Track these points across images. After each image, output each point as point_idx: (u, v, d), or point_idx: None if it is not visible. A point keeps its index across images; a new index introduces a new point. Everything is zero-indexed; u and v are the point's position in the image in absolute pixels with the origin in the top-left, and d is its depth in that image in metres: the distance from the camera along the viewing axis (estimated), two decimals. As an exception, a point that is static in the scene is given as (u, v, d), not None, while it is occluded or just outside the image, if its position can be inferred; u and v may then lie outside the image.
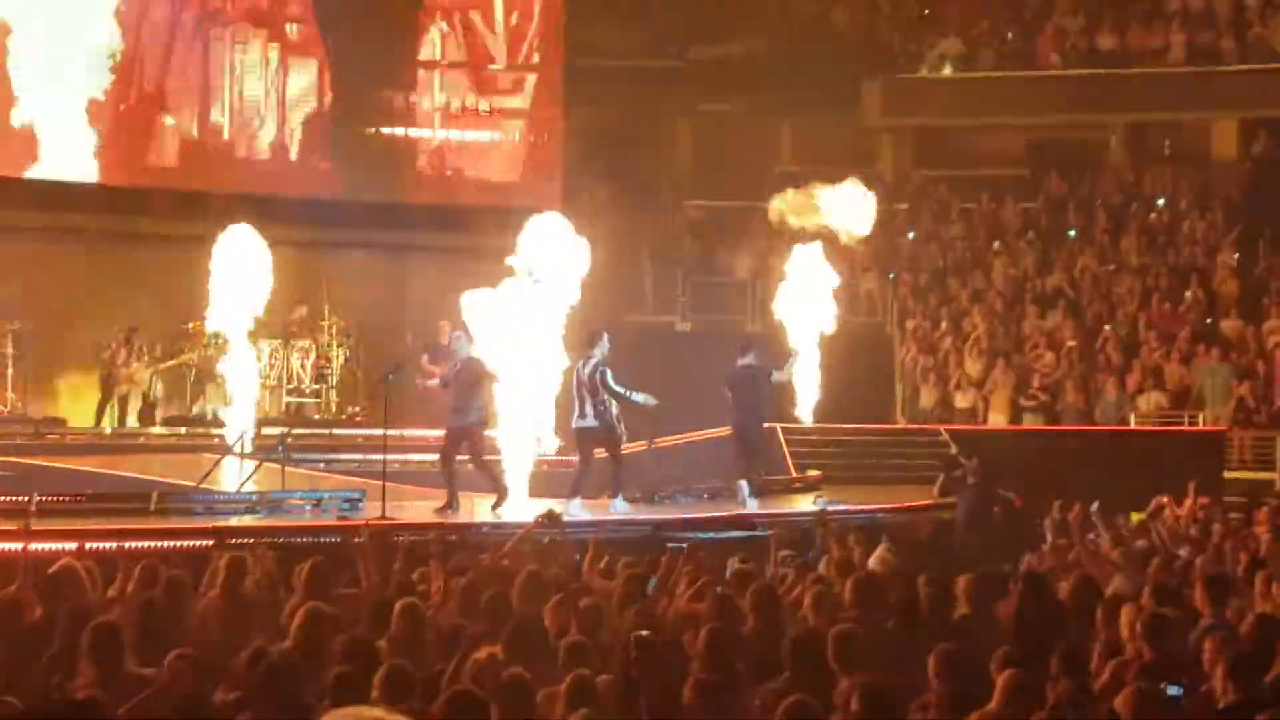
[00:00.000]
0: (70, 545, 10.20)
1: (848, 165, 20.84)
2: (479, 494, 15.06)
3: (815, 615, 7.63)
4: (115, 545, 10.01)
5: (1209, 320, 21.16)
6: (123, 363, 18.81)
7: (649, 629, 6.80)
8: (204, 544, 10.96)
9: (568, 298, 14.45)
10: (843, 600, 8.01)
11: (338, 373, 19.93)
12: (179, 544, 11.16)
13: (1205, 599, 7.79)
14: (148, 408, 19.29)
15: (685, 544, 9.82)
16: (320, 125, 21.09)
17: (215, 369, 17.83)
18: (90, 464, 15.69)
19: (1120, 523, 11.86)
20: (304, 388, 19.71)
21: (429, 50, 21.76)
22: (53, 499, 12.90)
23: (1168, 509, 12.63)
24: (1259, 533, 11.90)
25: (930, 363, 21.07)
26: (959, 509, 13.78)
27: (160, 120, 20.19)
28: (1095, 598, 8.11)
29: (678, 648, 6.89)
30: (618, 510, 14.08)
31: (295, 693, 5.83)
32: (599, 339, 14.12)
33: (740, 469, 15.20)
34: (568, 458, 15.59)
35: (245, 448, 15.71)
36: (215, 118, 20.49)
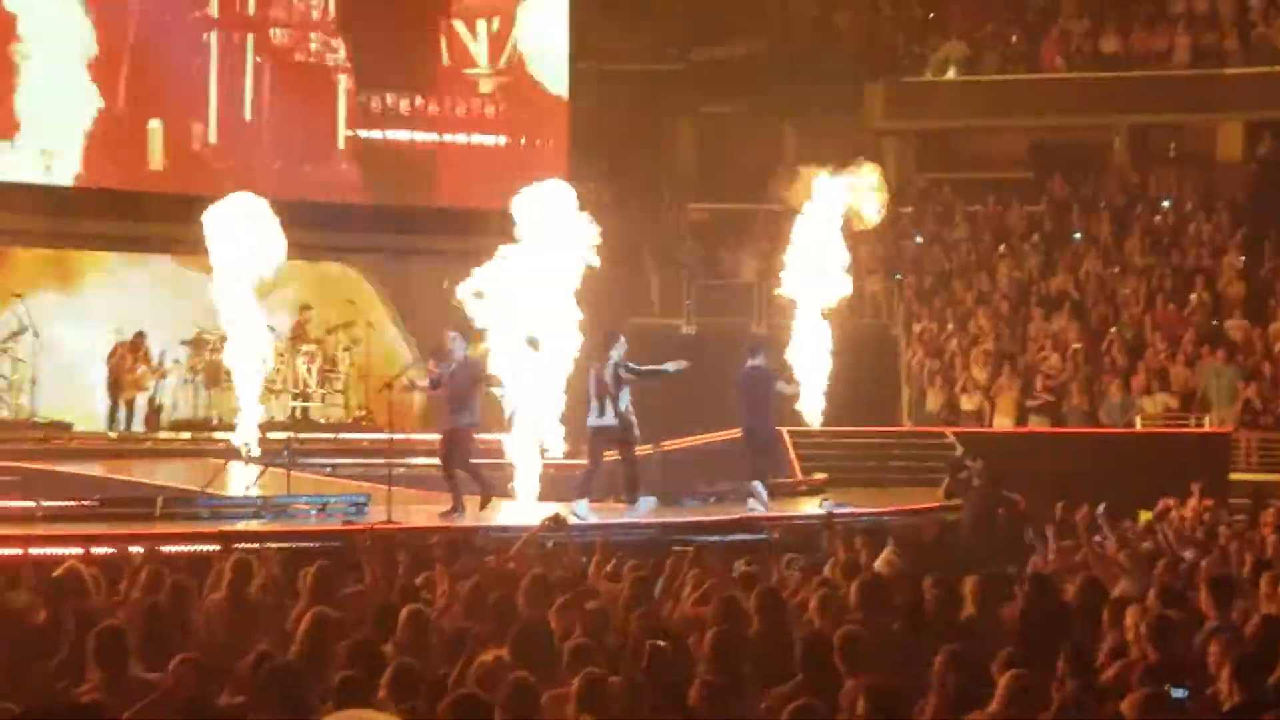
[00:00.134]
0: (76, 550, 10.22)
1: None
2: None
3: (821, 618, 7.63)
4: (120, 550, 10.03)
5: (1214, 322, 21.14)
6: (130, 368, 18.82)
7: (655, 632, 6.80)
8: (209, 549, 10.98)
9: (577, 265, 14.35)
10: (848, 603, 8.01)
11: (343, 377, 19.93)
12: (184, 549, 11.17)
13: (1210, 601, 7.78)
14: (154, 412, 19.29)
15: (691, 547, 9.80)
16: (322, 129, 21.07)
17: (220, 374, 17.81)
18: (96, 469, 15.70)
19: (1126, 525, 11.86)
20: (310, 392, 19.72)
21: (431, 53, 21.73)
22: (59, 504, 12.93)
23: (1174, 511, 12.63)
24: (1265, 534, 11.90)
25: (936, 365, 21.04)
26: (965, 511, 13.77)
27: (151, 124, 20.12)
28: (1101, 600, 8.10)
29: (684, 651, 6.89)
30: (642, 510, 13.98)
31: (299, 696, 5.83)
32: (615, 341, 14.15)
33: (753, 470, 15.15)
34: (574, 461, 15.57)
35: (251, 452, 15.70)
36: (206, 123, 20.38)
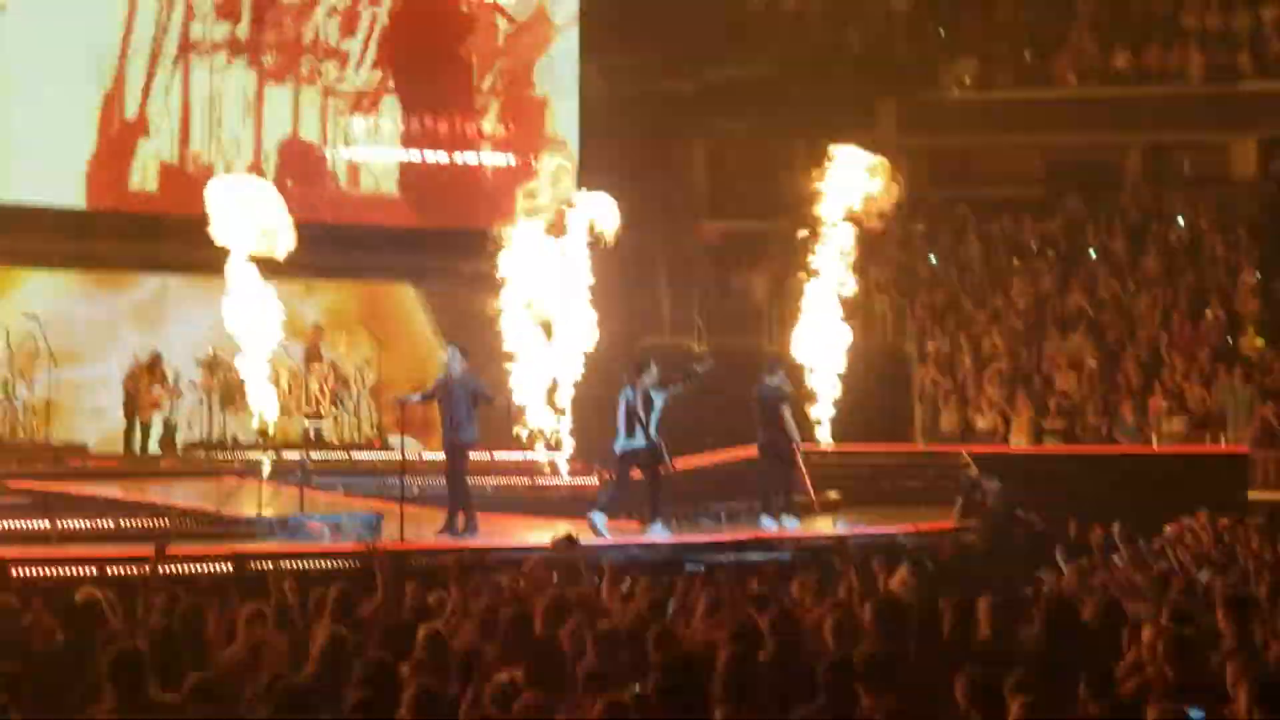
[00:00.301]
0: (91, 571, 10.24)
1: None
2: (496, 514, 15.08)
3: (835, 639, 7.59)
4: (136, 570, 10.04)
5: (1230, 340, 21.07)
6: (146, 388, 18.85)
7: (668, 653, 6.78)
8: (224, 568, 11.00)
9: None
10: (863, 624, 7.98)
11: (356, 396, 19.96)
12: (199, 568, 11.19)
13: (1228, 621, 7.74)
14: (169, 433, 19.31)
15: (704, 566, 9.79)
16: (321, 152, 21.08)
17: (234, 394, 17.84)
18: (112, 490, 15.72)
19: (1142, 545, 11.81)
20: (322, 410, 19.75)
21: (440, 76, 21.76)
22: (74, 525, 12.95)
23: (1188, 533, 12.59)
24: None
25: (950, 384, 21.00)
26: (980, 531, 13.74)
27: (144, 145, 20.12)
28: (1119, 620, 8.06)
29: (698, 672, 6.86)
30: (655, 535, 13.98)
31: (314, 717, 5.83)
32: (648, 367, 14.25)
33: (772, 488, 15.14)
34: (582, 480, 15.59)
35: (265, 472, 15.72)
36: (195, 145, 20.39)
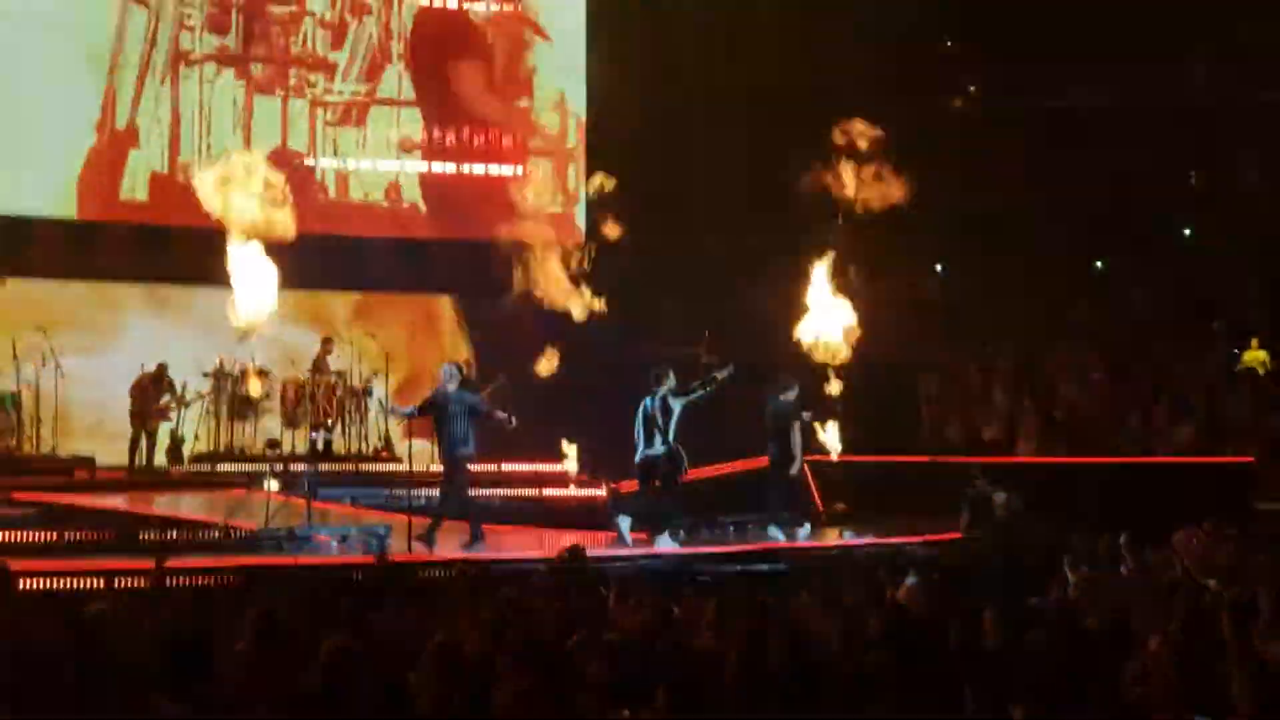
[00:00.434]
0: (98, 582, 10.27)
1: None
2: (502, 527, 15.11)
3: (843, 650, 7.60)
4: (144, 582, 10.07)
5: (1237, 350, 21.06)
6: (153, 398, 18.88)
7: (676, 663, 6.79)
8: (232, 580, 11.02)
9: None
10: (870, 634, 7.98)
11: (362, 408, 19.96)
12: (207, 580, 11.21)
13: (1233, 630, 7.74)
14: (175, 444, 19.34)
15: (711, 577, 9.81)
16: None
17: (243, 404, 17.89)
18: (118, 501, 15.76)
19: (1149, 554, 11.80)
20: (329, 422, 19.75)
21: (443, 85, 21.80)
22: (81, 536, 12.98)
23: (1195, 542, 12.57)
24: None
25: (956, 393, 21.00)
26: (986, 541, 13.74)
27: (134, 155, 20.21)
28: (1125, 630, 8.07)
29: (705, 682, 6.87)
30: (663, 545, 14.02)
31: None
32: (665, 375, 14.33)
33: (781, 499, 15.18)
34: (591, 491, 15.60)
35: (272, 483, 15.76)
36: (185, 155, 20.43)
